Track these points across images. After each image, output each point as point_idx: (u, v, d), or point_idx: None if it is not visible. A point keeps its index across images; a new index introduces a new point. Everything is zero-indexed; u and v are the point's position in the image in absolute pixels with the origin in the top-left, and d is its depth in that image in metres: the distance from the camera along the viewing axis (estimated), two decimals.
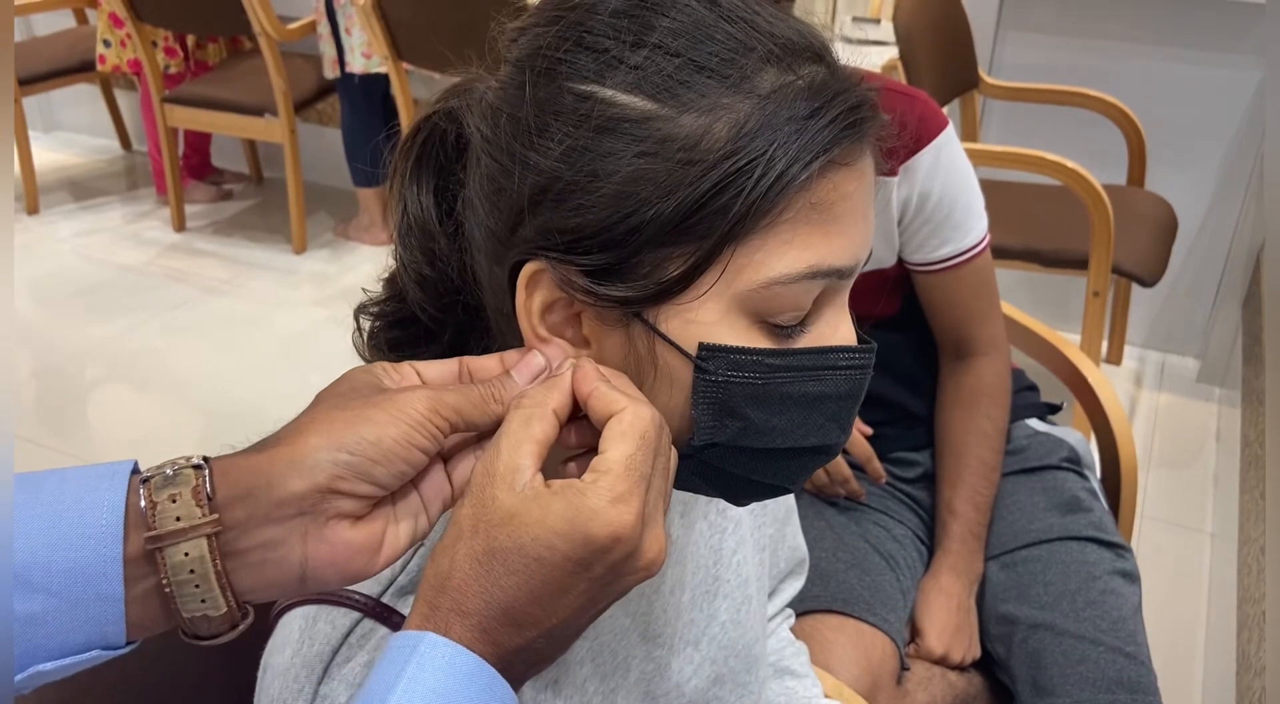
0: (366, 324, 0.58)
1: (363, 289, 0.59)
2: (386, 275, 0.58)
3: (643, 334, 0.48)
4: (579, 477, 0.44)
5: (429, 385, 0.47)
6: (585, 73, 0.47)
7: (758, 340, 0.48)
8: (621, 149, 0.46)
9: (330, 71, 2.88)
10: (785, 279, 0.47)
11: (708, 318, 0.47)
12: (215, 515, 0.41)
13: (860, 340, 0.52)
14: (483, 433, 0.48)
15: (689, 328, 0.48)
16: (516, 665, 0.44)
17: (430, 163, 0.54)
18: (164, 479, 0.42)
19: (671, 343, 0.48)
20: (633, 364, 0.49)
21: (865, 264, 0.51)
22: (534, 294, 0.49)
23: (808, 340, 0.50)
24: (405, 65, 2.66)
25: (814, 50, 0.48)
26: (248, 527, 0.42)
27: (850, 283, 0.51)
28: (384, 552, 0.46)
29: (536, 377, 0.49)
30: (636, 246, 0.46)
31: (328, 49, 2.85)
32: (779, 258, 0.47)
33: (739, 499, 0.56)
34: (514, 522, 0.43)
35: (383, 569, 0.46)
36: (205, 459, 0.43)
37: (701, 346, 0.48)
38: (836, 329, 0.51)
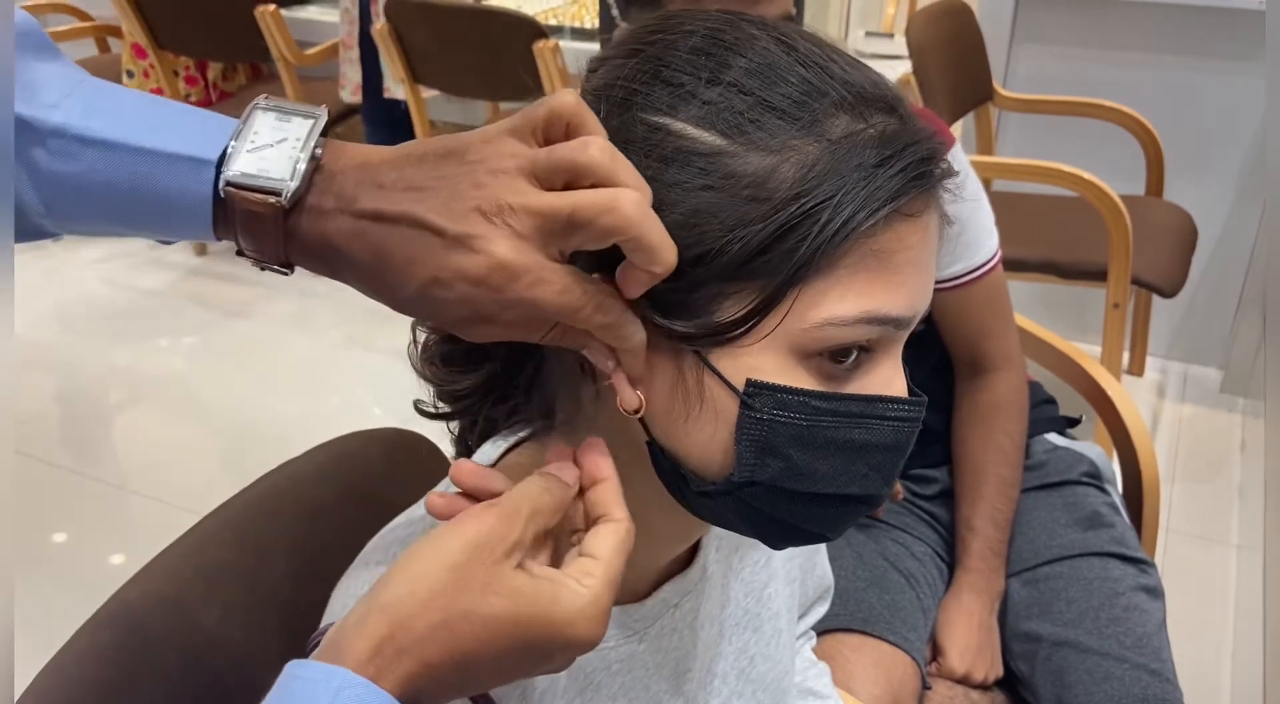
0: (422, 337, 0.59)
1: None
2: None
3: (693, 367, 0.49)
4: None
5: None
6: (659, 105, 0.48)
7: (806, 379, 0.48)
8: (687, 180, 0.46)
9: (352, 96, 2.90)
10: (839, 322, 0.47)
11: (758, 354, 0.48)
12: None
13: (911, 393, 0.52)
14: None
15: (738, 362, 0.48)
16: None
17: None
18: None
19: (721, 378, 0.48)
20: (680, 396, 0.49)
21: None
22: None
23: (858, 387, 0.49)
24: (422, 89, 2.69)
25: (887, 101, 0.49)
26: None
27: (906, 334, 0.51)
28: None
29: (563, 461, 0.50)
30: (698, 279, 0.46)
31: (352, 74, 2.87)
32: (836, 301, 0.47)
33: (777, 543, 0.55)
34: (503, 595, 0.42)
35: None
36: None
37: (749, 383, 0.47)
38: (890, 382, 0.50)
